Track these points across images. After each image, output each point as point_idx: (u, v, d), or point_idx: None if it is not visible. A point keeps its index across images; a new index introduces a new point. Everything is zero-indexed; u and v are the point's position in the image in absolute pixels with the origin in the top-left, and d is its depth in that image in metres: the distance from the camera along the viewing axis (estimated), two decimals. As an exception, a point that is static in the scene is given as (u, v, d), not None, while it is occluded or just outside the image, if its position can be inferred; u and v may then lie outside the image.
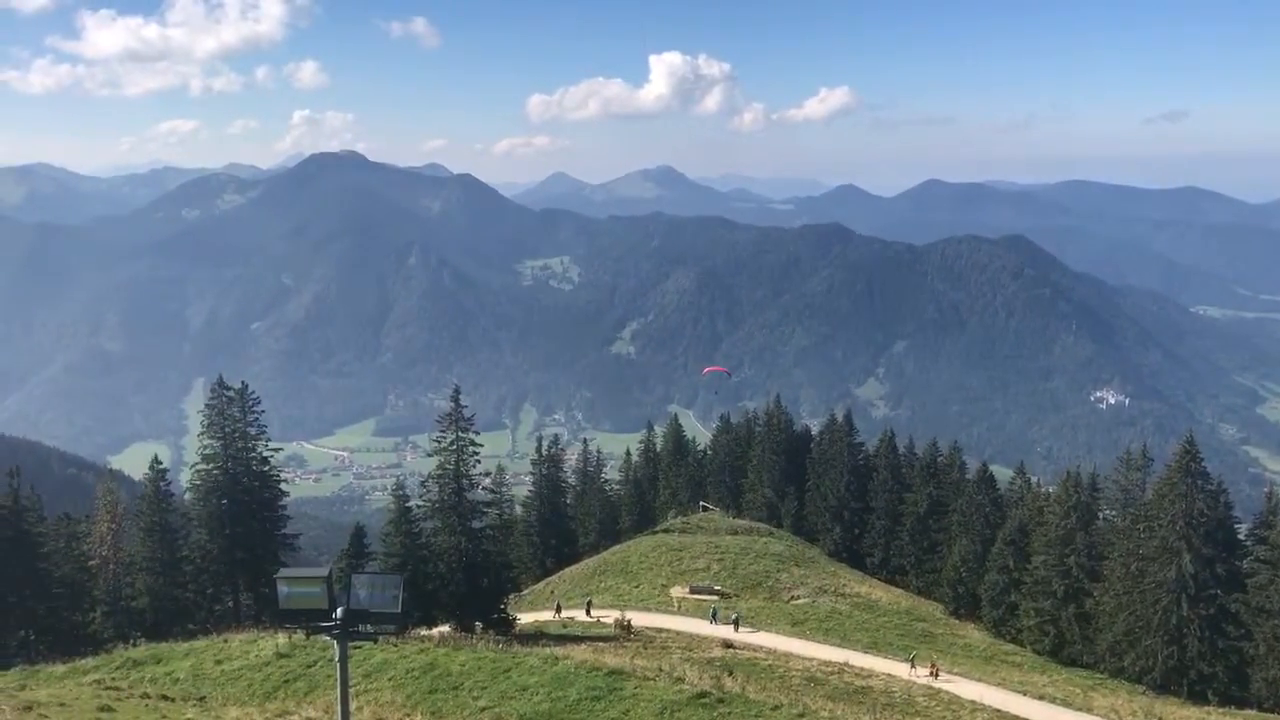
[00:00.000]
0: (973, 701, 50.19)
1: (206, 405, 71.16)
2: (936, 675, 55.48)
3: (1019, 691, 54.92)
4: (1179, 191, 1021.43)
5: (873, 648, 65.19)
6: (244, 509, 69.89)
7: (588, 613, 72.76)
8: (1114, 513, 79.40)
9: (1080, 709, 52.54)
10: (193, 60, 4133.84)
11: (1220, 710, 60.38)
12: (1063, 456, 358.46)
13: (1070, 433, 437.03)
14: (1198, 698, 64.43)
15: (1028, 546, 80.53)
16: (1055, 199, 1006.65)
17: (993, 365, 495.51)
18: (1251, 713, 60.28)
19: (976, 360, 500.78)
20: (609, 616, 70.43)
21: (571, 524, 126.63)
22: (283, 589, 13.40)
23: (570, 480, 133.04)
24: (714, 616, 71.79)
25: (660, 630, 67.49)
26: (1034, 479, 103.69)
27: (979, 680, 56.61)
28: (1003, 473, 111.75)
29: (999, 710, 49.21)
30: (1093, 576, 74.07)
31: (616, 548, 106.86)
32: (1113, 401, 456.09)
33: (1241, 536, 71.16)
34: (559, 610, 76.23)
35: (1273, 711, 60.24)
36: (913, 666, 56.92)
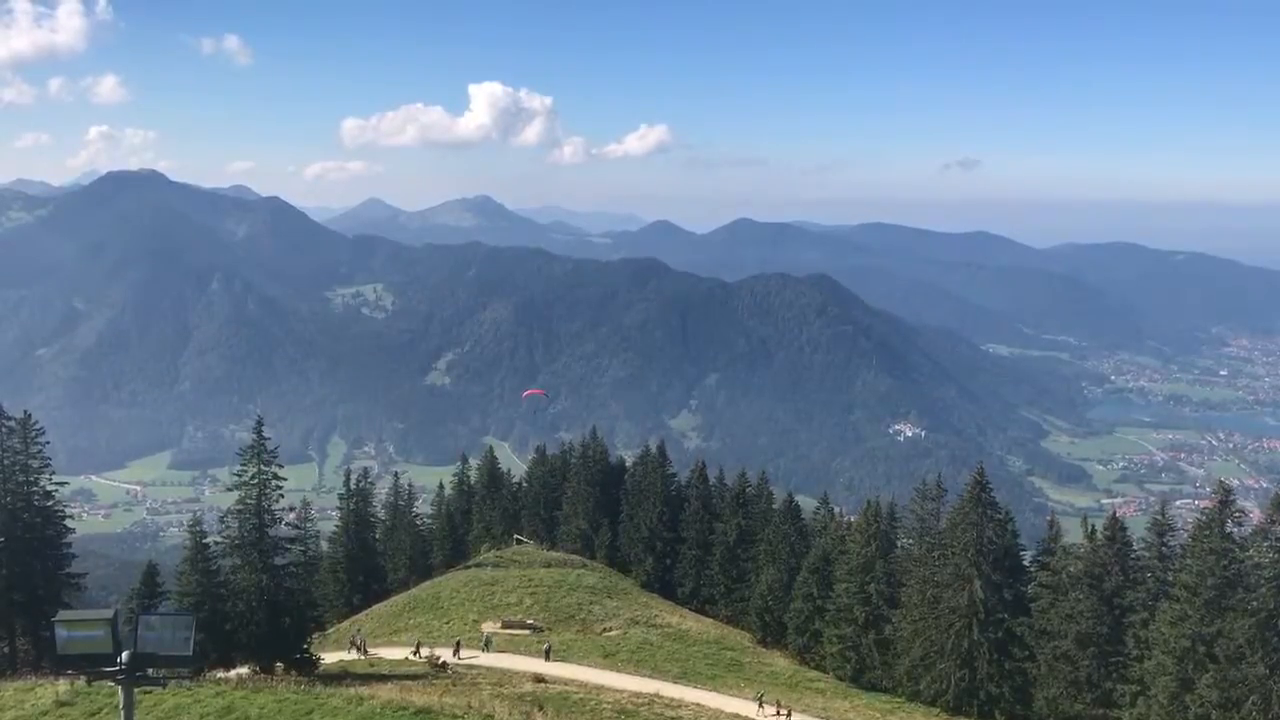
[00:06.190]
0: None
1: (-18, 437, 66.22)
2: (789, 715, 55.88)
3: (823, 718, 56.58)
4: (970, 235, 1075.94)
5: (683, 678, 66.01)
6: (23, 547, 65.04)
7: (456, 654, 70.11)
8: (911, 541, 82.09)
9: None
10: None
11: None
12: (864, 487, 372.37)
13: (870, 464, 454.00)
14: (986, 717, 67.80)
15: (831, 575, 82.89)
16: (856, 239, 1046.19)
17: (799, 398, 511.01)
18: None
19: (784, 393, 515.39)
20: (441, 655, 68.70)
21: (381, 560, 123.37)
22: (61, 633, 12.52)
23: (380, 514, 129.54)
24: (487, 645, 72.14)
25: (471, 666, 66.56)
26: (837, 509, 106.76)
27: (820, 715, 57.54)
28: (808, 502, 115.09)
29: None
30: (891, 603, 76.99)
31: (427, 583, 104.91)
32: (910, 434, 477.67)
33: (1026, 563, 75.20)
34: (418, 649, 72.77)
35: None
36: (760, 706, 57.34)
